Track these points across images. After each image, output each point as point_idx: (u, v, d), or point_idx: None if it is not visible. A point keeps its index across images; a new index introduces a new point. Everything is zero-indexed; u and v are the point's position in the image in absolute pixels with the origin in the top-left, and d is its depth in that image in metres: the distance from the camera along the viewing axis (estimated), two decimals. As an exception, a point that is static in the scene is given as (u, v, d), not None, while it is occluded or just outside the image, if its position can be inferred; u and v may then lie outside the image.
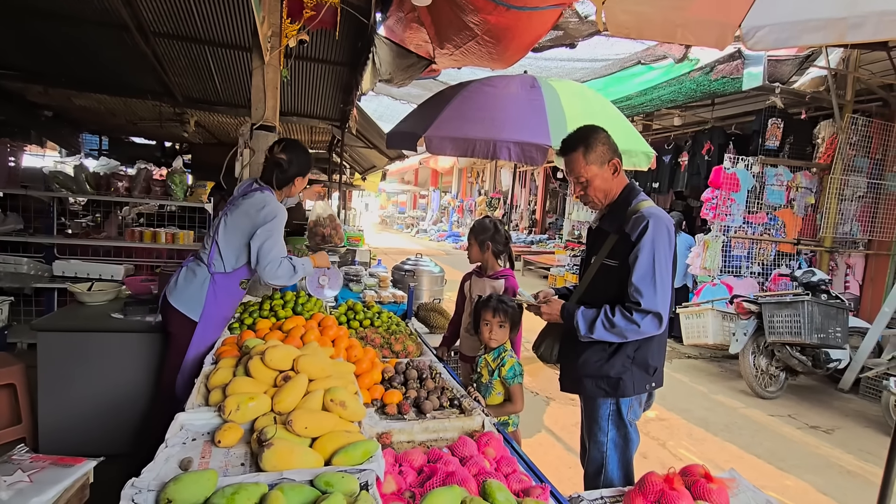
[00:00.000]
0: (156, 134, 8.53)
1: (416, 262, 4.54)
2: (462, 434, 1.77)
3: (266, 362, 1.53)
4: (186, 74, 4.81)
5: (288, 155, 2.33)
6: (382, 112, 8.66)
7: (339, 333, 2.14)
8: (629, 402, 1.77)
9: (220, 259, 2.24)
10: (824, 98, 5.91)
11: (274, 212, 2.22)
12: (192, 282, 2.23)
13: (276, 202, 2.27)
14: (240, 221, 2.22)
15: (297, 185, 2.43)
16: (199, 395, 1.59)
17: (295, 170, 2.36)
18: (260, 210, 2.20)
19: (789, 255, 6.36)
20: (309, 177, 2.51)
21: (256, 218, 2.20)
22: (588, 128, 1.80)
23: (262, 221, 2.19)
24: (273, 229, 2.20)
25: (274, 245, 2.20)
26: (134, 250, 4.66)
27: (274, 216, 2.22)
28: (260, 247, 2.17)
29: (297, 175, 2.39)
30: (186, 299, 2.22)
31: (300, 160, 2.38)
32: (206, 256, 2.26)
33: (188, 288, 2.23)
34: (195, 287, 2.22)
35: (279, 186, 2.36)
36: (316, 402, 1.44)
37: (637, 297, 1.64)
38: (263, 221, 2.19)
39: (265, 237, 2.17)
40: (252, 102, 2.86)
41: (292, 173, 2.36)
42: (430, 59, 4.31)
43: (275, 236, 2.21)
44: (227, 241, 2.24)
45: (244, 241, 2.24)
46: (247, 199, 2.25)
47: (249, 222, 2.21)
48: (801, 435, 3.91)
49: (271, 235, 2.19)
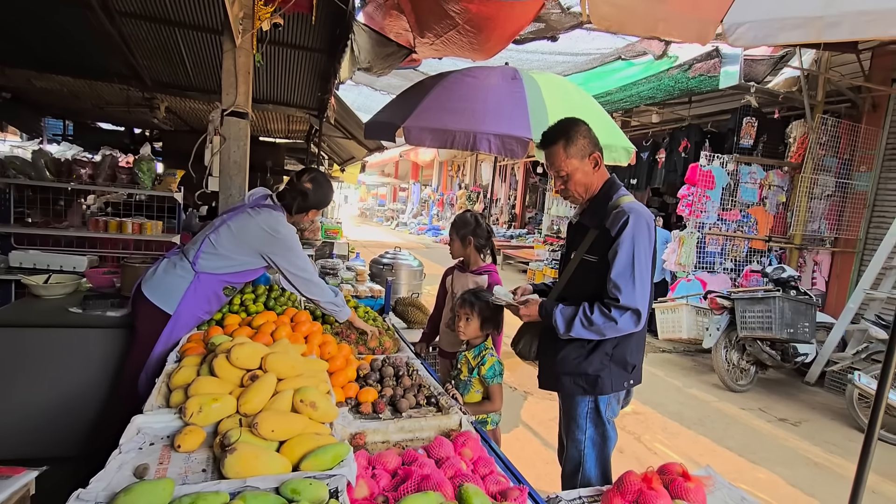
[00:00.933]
0: (124, 120, 8.19)
1: (395, 255, 4.47)
2: (439, 433, 1.73)
3: (232, 361, 1.45)
4: (155, 57, 4.60)
5: (314, 187, 2.31)
6: (362, 103, 8.50)
7: (312, 329, 2.06)
8: (607, 400, 1.75)
9: (211, 259, 2.14)
10: (796, 98, 6.04)
11: (291, 235, 2.22)
12: (171, 274, 2.12)
13: (288, 225, 2.24)
14: (248, 233, 2.16)
15: (310, 215, 2.41)
16: (160, 396, 1.50)
17: (315, 202, 2.35)
18: (276, 233, 2.17)
19: (760, 251, 6.51)
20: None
21: (274, 239, 2.17)
22: (569, 120, 1.76)
23: (283, 245, 2.18)
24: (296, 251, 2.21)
25: (305, 263, 2.24)
26: (98, 241, 4.45)
27: (293, 239, 2.22)
28: (288, 271, 2.19)
29: (314, 208, 2.38)
30: (163, 291, 2.10)
31: (323, 194, 2.37)
32: (192, 254, 2.14)
33: (166, 279, 2.11)
34: (174, 280, 2.11)
35: (294, 213, 2.32)
36: (284, 402, 1.37)
37: (615, 293, 1.61)
38: (285, 245, 2.18)
39: (292, 260, 2.19)
40: (223, 87, 2.74)
41: (312, 205, 2.34)
42: (411, 48, 4.22)
43: (301, 256, 2.23)
44: (224, 245, 2.15)
45: (246, 252, 2.18)
46: (259, 214, 2.18)
47: (261, 239, 2.16)
48: (771, 428, 4.00)
49: (294, 259, 2.20)
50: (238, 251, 2.16)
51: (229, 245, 2.15)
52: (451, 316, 2.64)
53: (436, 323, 2.79)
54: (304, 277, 2.20)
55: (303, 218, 2.39)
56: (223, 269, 2.17)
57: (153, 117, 6.32)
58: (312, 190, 2.29)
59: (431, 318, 2.85)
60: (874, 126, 6.13)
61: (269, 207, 2.23)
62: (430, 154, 17.82)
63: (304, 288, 2.22)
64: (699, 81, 5.88)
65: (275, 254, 2.17)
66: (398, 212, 25.51)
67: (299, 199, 2.28)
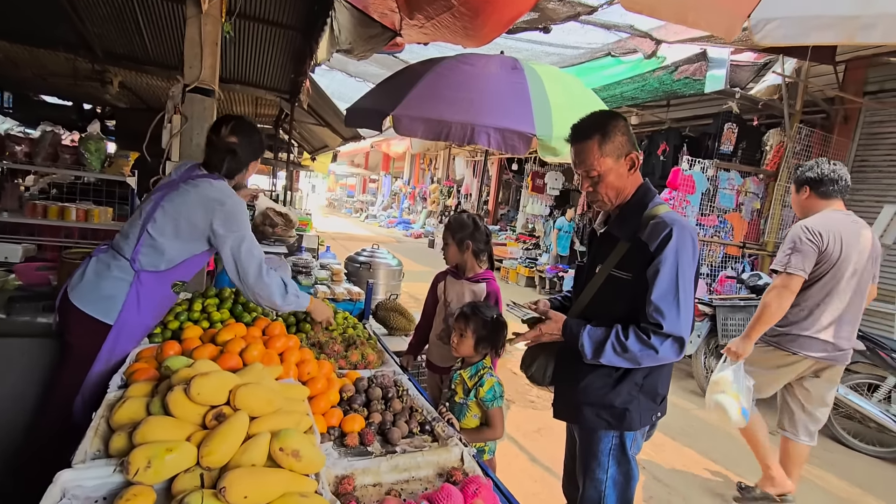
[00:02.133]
0: (72, 94, 7.47)
1: (372, 253, 4.18)
2: (438, 471, 1.50)
3: (192, 396, 1.16)
4: (107, 25, 4.11)
5: (240, 138, 1.93)
6: (335, 89, 8.07)
7: (288, 344, 1.77)
8: (633, 436, 1.55)
9: (153, 254, 1.79)
10: (776, 106, 6.09)
11: (239, 206, 1.87)
12: (105, 277, 1.75)
13: (235, 195, 1.90)
14: (188, 211, 1.81)
15: (250, 170, 2.06)
16: (97, 438, 1.19)
17: (249, 154, 1.99)
18: (222, 205, 1.81)
19: (734, 257, 6.57)
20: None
21: (218, 214, 1.81)
22: (605, 114, 1.53)
23: (228, 218, 1.82)
24: (245, 228, 1.86)
25: (253, 245, 1.87)
26: (37, 228, 3.95)
27: (242, 212, 1.87)
28: (236, 251, 1.81)
29: (251, 160, 2.02)
30: (97, 298, 1.74)
31: (253, 141, 2.00)
32: (128, 250, 1.78)
33: (100, 284, 1.75)
34: (110, 283, 1.75)
35: (231, 175, 1.96)
36: (259, 452, 1.09)
37: (658, 318, 1.40)
38: (231, 218, 1.82)
39: (239, 239, 1.82)
40: (185, 59, 2.38)
41: (246, 158, 1.98)
42: (396, 30, 3.92)
43: (250, 236, 1.88)
44: (165, 233, 1.79)
45: (190, 236, 1.83)
46: (196, 188, 1.83)
47: (205, 217, 1.81)
48: (751, 437, 3.97)
49: (245, 235, 1.85)
50: (180, 237, 1.82)
51: (170, 232, 1.80)
52: (444, 327, 2.39)
53: (423, 333, 2.54)
54: (253, 264, 1.83)
55: (243, 176, 2.05)
56: (168, 263, 1.83)
57: (105, 93, 5.74)
58: (240, 143, 1.93)
59: (419, 326, 2.59)
60: (845, 137, 6.27)
61: (204, 177, 1.89)
62: (403, 146, 17.43)
63: (253, 278, 1.82)
64: (684, 84, 5.82)
65: (218, 232, 1.81)
66: (368, 203, 24.97)
67: (229, 159, 1.92)
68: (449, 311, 2.34)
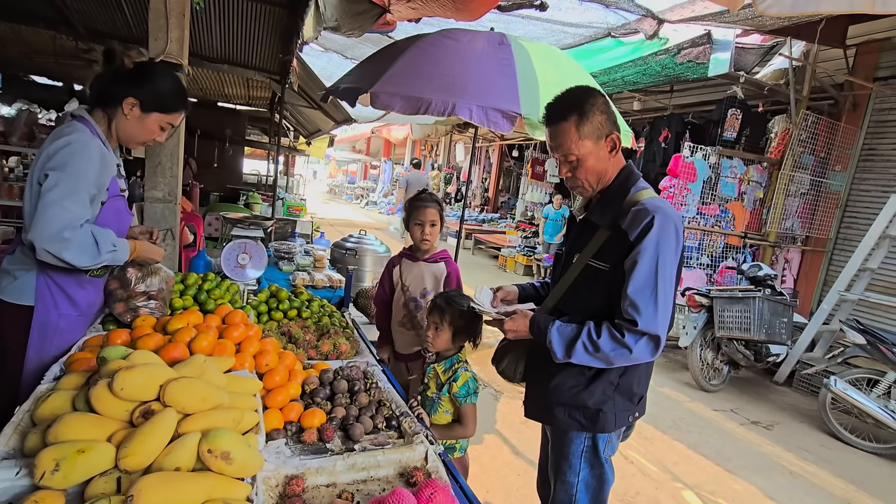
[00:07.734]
0: (62, 74, 7.32)
1: (360, 239, 4.07)
2: (399, 470, 1.41)
3: (115, 391, 1.05)
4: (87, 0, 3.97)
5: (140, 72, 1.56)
6: (332, 71, 7.88)
7: (246, 334, 1.67)
8: (607, 437, 1.44)
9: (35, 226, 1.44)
10: (782, 92, 5.89)
11: (72, 142, 1.44)
12: (14, 261, 1.54)
13: (82, 131, 1.49)
14: (36, 172, 1.45)
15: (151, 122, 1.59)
16: (16, 433, 1.09)
17: (126, 88, 1.53)
18: (53, 140, 1.44)
19: (736, 247, 6.42)
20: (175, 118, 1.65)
21: (45, 150, 1.44)
22: (582, 90, 1.39)
23: (52, 153, 1.42)
24: (64, 166, 1.41)
25: (67, 193, 1.39)
26: (16, 210, 3.88)
27: (67, 144, 1.43)
28: (43, 192, 1.38)
29: (129, 96, 1.53)
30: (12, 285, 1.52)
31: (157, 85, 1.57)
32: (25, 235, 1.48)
33: (10, 270, 1.53)
34: (18, 267, 1.53)
35: (96, 105, 1.56)
36: (186, 454, 0.99)
37: (633, 314, 1.28)
38: (54, 152, 1.42)
39: (54, 180, 1.39)
40: (150, 31, 2.25)
41: (120, 92, 1.52)
42: (385, 6, 3.75)
43: (67, 179, 1.41)
44: (32, 199, 1.45)
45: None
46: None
47: (39, 164, 1.44)
48: (745, 432, 3.88)
49: (61, 178, 1.40)
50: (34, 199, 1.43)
51: (28, 196, 1.46)
52: (405, 312, 2.28)
53: (386, 322, 2.40)
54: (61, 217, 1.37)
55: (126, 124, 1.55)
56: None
57: (91, 72, 5.60)
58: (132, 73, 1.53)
59: (379, 317, 2.41)
60: (853, 125, 6.08)
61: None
62: (403, 132, 17.20)
63: (45, 237, 1.37)
64: (686, 68, 5.61)
65: (39, 173, 1.41)
66: (368, 190, 24.78)
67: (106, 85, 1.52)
68: (409, 295, 2.23)
